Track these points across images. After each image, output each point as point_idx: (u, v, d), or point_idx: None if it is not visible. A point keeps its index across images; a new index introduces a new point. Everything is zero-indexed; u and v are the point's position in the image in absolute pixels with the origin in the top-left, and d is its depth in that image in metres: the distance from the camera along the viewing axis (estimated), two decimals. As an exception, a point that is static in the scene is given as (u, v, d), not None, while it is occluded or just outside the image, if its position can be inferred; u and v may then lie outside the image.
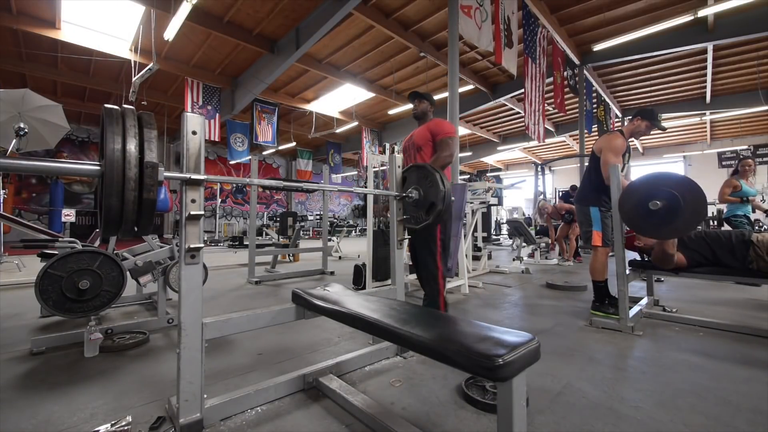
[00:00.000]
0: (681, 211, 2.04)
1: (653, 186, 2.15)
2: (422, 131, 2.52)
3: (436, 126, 2.49)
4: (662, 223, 2.11)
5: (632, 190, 2.26)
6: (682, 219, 2.04)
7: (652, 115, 2.64)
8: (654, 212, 2.12)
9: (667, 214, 2.09)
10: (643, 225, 2.20)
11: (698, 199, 2.02)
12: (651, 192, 2.15)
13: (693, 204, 2.02)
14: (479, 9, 5.14)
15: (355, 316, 1.20)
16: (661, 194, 2.10)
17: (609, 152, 2.57)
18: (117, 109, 0.99)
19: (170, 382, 1.58)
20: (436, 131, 2.47)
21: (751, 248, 2.20)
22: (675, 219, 2.07)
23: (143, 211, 0.99)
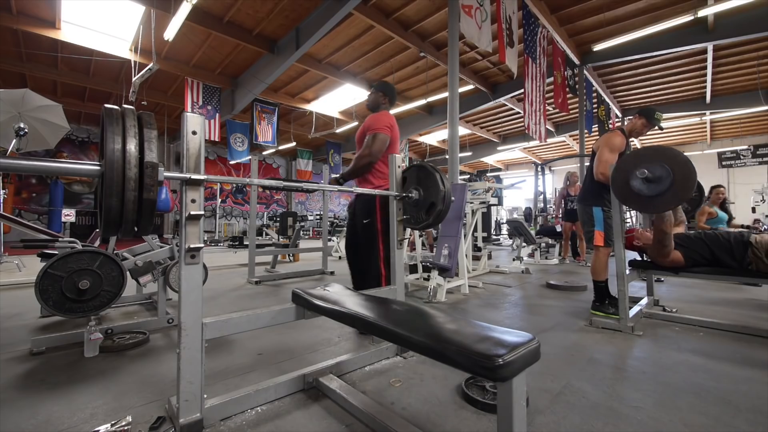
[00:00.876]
0: (670, 181, 2.04)
1: (642, 159, 2.16)
2: (363, 124, 2.35)
3: (371, 120, 2.29)
4: (653, 196, 2.11)
5: (622, 164, 2.27)
6: (672, 190, 2.04)
7: (648, 113, 2.65)
8: (644, 185, 2.12)
9: (657, 185, 2.09)
10: (634, 199, 2.20)
11: (687, 168, 2.02)
12: (640, 164, 2.16)
13: (682, 175, 2.02)
14: (480, 9, 5.14)
15: (355, 316, 1.20)
16: (650, 166, 2.11)
17: (605, 148, 2.58)
18: (117, 109, 0.99)
19: (170, 382, 1.58)
20: (368, 125, 2.27)
21: (749, 249, 2.20)
22: (665, 191, 2.07)
23: (143, 211, 0.99)
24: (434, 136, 14.81)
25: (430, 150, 16.54)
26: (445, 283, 3.27)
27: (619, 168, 2.26)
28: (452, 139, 4.95)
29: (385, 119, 2.24)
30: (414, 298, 3.32)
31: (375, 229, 2.20)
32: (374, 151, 2.16)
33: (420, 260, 4.15)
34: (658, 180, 2.08)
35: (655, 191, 2.10)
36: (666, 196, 2.07)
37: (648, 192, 2.12)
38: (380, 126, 2.21)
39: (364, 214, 2.22)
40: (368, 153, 2.16)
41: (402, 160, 2.00)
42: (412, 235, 4.72)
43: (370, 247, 2.21)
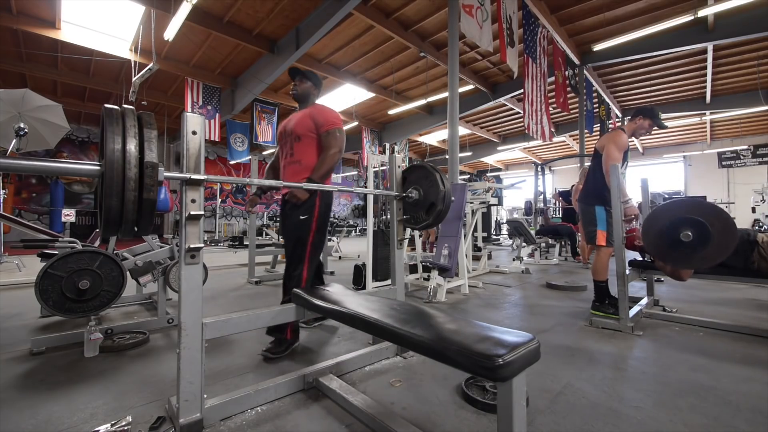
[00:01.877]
0: (711, 238, 1.97)
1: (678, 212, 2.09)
2: (303, 118, 2.11)
3: (320, 114, 2.09)
4: (691, 252, 2.03)
5: (655, 217, 2.19)
6: (712, 247, 1.97)
7: (653, 113, 2.63)
8: (681, 241, 2.05)
9: (696, 243, 2.00)
10: (670, 255, 2.13)
11: (726, 226, 1.94)
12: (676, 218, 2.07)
13: (722, 232, 1.95)
14: (480, 8, 5.14)
15: (355, 316, 1.20)
16: (687, 222, 2.02)
17: (613, 145, 2.56)
18: (117, 109, 0.99)
19: (170, 382, 1.58)
20: (321, 120, 2.07)
21: (755, 249, 2.18)
22: (704, 248, 1.98)
23: (143, 211, 0.99)
24: (434, 136, 14.81)
25: (430, 150, 16.53)
26: (445, 283, 3.27)
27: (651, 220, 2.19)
28: (452, 139, 4.95)
29: (335, 113, 2.14)
30: (414, 298, 3.32)
31: (309, 227, 2.02)
32: (342, 148, 2.07)
33: (420, 260, 4.15)
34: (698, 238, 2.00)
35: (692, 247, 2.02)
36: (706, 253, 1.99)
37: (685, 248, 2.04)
38: (338, 121, 2.09)
39: (302, 209, 2.02)
40: (339, 149, 2.04)
41: (402, 160, 2.00)
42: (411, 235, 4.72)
43: (297, 245, 2.01)
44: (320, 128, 2.07)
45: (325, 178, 2.02)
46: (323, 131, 2.07)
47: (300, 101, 2.25)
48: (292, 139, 2.11)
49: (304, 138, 2.09)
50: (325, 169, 2.00)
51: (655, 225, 2.19)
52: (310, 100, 2.25)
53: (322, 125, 2.08)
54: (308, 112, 2.13)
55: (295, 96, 2.24)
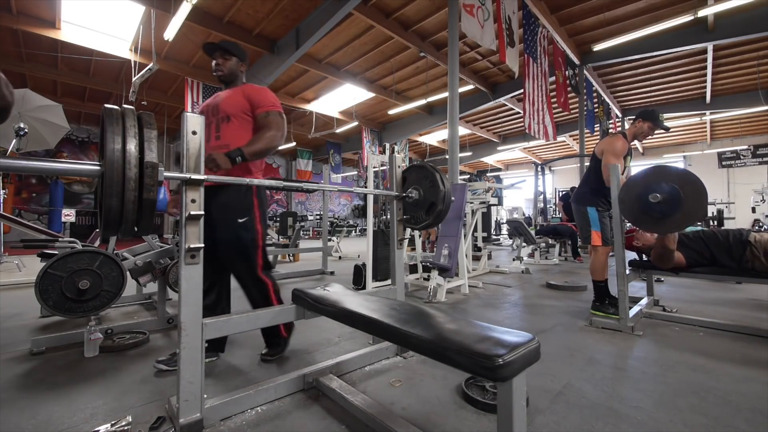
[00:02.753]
0: (681, 204, 2.02)
1: (653, 179, 2.14)
2: (234, 96, 1.83)
3: (257, 93, 1.83)
4: (663, 217, 2.09)
5: (632, 183, 2.24)
6: (683, 212, 2.02)
7: (653, 116, 2.64)
8: (654, 206, 2.09)
9: (668, 207, 2.06)
10: (644, 219, 2.18)
11: (698, 191, 1.99)
12: (651, 185, 2.13)
13: (693, 197, 2.00)
14: (481, 8, 5.14)
15: (355, 316, 1.20)
16: (660, 187, 2.08)
17: (610, 155, 2.57)
18: (117, 109, 0.99)
19: (170, 382, 1.58)
20: (258, 100, 1.81)
21: (748, 248, 2.20)
22: (675, 212, 2.04)
23: (143, 211, 0.99)
24: (434, 136, 14.81)
25: (430, 150, 16.54)
26: (445, 283, 3.27)
27: (627, 188, 2.23)
28: (452, 139, 4.95)
29: (274, 95, 1.88)
30: (414, 298, 3.32)
31: (254, 230, 1.77)
32: (284, 133, 1.80)
33: (420, 260, 4.15)
34: (668, 201, 2.05)
35: (665, 212, 2.06)
36: (676, 218, 2.04)
37: (658, 213, 2.08)
38: (278, 104, 1.84)
39: (237, 211, 1.75)
40: (281, 135, 1.76)
41: (402, 160, 2.00)
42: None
43: (246, 254, 1.78)
44: (257, 108, 1.80)
45: (257, 157, 1.70)
46: (261, 111, 1.79)
47: (227, 82, 1.94)
48: (219, 119, 1.80)
49: (236, 119, 1.79)
50: (261, 146, 1.68)
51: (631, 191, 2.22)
52: (239, 78, 1.96)
53: (259, 104, 1.80)
54: (241, 91, 1.85)
55: (220, 77, 1.92)
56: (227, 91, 1.89)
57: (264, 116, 1.79)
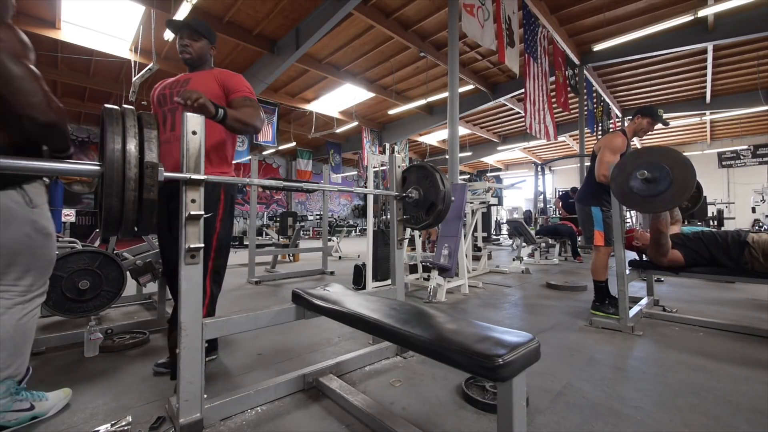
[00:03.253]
0: (669, 181, 2.03)
1: (642, 159, 2.15)
2: (206, 82, 1.64)
3: (231, 78, 1.67)
4: (652, 195, 2.10)
5: (623, 164, 2.25)
6: (671, 190, 2.03)
7: (652, 112, 2.64)
8: (644, 185, 2.11)
9: (657, 185, 2.08)
10: (633, 198, 2.19)
11: (686, 170, 2.01)
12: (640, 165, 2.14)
13: (681, 175, 2.01)
14: (481, 8, 5.14)
15: (355, 316, 1.20)
16: (649, 166, 2.10)
17: (606, 150, 2.57)
18: (117, 109, 0.99)
19: (170, 382, 1.58)
20: (233, 84, 1.65)
21: (746, 249, 2.20)
22: (664, 190, 2.06)
23: (143, 211, 0.99)
24: (434, 136, 14.81)
25: (430, 150, 16.54)
26: (445, 283, 3.27)
27: (619, 168, 2.25)
28: (452, 139, 4.95)
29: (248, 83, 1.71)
30: (414, 298, 3.32)
31: (212, 227, 1.59)
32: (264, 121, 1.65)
33: (420, 260, 4.15)
34: (657, 180, 2.07)
35: (654, 191, 2.09)
36: (665, 196, 2.06)
37: (647, 192, 2.11)
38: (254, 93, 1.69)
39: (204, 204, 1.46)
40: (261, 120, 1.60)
41: (402, 160, 2.00)
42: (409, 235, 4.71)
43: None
44: (233, 93, 1.64)
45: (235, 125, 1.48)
46: (239, 96, 1.62)
47: (194, 66, 1.73)
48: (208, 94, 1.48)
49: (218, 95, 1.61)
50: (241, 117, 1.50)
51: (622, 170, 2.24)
52: (208, 63, 1.77)
53: (235, 89, 1.64)
54: (213, 75, 1.67)
55: (188, 60, 1.71)
56: (195, 75, 1.68)
57: (243, 100, 1.61)
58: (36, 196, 1.26)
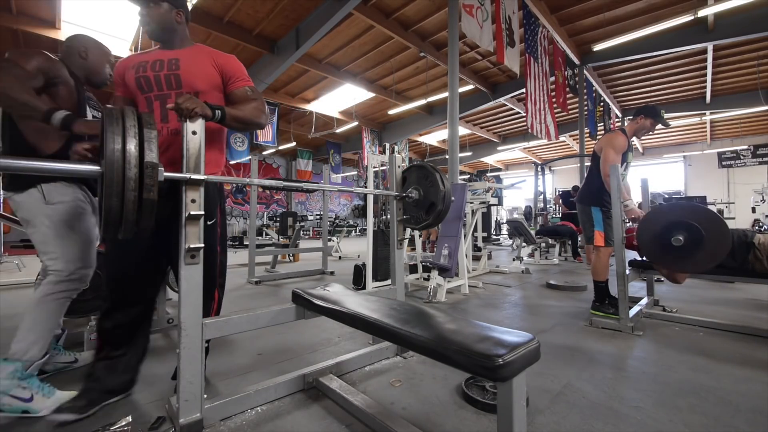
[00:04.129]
0: (703, 243, 1.98)
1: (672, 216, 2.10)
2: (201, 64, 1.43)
3: (230, 62, 1.48)
4: (684, 257, 2.05)
5: (650, 221, 2.21)
6: (704, 252, 1.99)
7: (654, 112, 2.63)
8: (676, 246, 2.06)
9: (689, 247, 2.02)
10: (664, 258, 2.16)
11: (720, 231, 1.96)
12: (670, 225, 2.08)
13: (715, 236, 1.96)
14: (480, 8, 5.14)
15: (355, 316, 1.20)
16: (681, 227, 2.04)
17: (609, 149, 2.56)
18: (117, 109, 0.99)
19: (170, 382, 1.58)
20: (235, 71, 1.47)
21: (752, 250, 2.18)
22: (697, 252, 2.00)
23: (143, 211, 0.99)
24: (434, 136, 14.81)
25: (430, 150, 16.53)
26: (445, 283, 3.27)
27: (646, 224, 2.21)
28: (452, 139, 4.95)
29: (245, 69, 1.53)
30: (414, 298, 3.32)
31: (215, 234, 1.51)
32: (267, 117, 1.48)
33: (420, 260, 4.15)
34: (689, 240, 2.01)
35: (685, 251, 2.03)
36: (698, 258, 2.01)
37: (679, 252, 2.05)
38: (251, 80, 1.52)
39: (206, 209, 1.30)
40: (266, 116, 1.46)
41: (402, 160, 2.00)
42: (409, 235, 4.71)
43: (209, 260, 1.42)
44: (236, 81, 1.45)
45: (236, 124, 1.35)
46: (242, 85, 1.46)
47: (164, 40, 1.45)
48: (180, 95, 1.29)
49: (208, 95, 1.41)
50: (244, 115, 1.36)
51: (649, 228, 2.20)
52: (179, 33, 1.46)
53: (238, 76, 1.46)
54: (208, 57, 1.45)
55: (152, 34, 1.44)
56: (183, 55, 1.42)
57: (247, 91, 1.46)
58: (53, 194, 1.42)
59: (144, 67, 1.42)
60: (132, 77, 1.43)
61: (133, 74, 1.42)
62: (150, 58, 1.44)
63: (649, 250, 2.21)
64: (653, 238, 2.17)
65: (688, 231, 2.03)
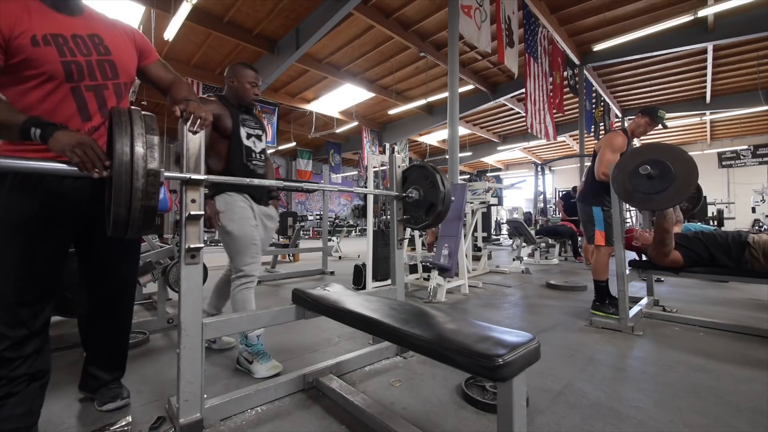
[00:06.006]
0: (672, 177, 2.03)
1: (644, 156, 2.15)
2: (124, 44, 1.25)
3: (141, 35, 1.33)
4: (655, 192, 2.10)
5: (625, 161, 2.25)
6: (674, 187, 2.03)
7: (651, 112, 2.64)
8: (646, 182, 2.11)
9: (659, 182, 2.08)
10: (636, 196, 2.19)
11: (688, 166, 2.01)
12: (642, 161, 2.14)
13: (683, 171, 2.01)
14: (479, 9, 5.15)
15: (355, 316, 1.20)
16: (652, 163, 2.09)
17: (607, 149, 2.57)
18: (125, 111, 0.97)
19: (170, 382, 1.57)
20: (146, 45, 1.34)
21: (747, 249, 2.19)
22: (667, 186, 2.05)
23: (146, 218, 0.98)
24: (434, 136, 14.81)
25: (430, 150, 16.54)
26: (445, 283, 3.27)
27: (620, 166, 2.25)
28: (452, 139, 4.95)
29: None
30: (414, 298, 3.32)
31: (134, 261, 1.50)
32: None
33: (420, 260, 4.15)
34: (659, 176, 2.07)
35: (656, 188, 2.08)
36: (668, 193, 2.06)
37: (650, 189, 2.11)
38: None
39: None
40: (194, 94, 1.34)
41: (402, 160, 2.00)
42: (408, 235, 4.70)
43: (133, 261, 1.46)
44: (151, 57, 1.34)
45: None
46: (155, 60, 1.35)
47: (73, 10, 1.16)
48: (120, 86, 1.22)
49: (131, 82, 1.29)
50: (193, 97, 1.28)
51: (623, 168, 2.24)
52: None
53: (149, 51, 1.34)
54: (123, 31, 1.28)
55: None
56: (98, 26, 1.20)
57: (163, 66, 1.36)
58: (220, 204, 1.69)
59: (67, 47, 1.10)
60: (54, 58, 1.07)
61: (57, 55, 1.08)
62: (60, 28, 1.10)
63: (624, 189, 2.24)
64: (627, 176, 2.21)
65: (657, 166, 2.08)
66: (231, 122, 1.76)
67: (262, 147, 1.88)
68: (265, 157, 1.91)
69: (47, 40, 1.07)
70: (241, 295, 1.70)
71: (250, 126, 1.85)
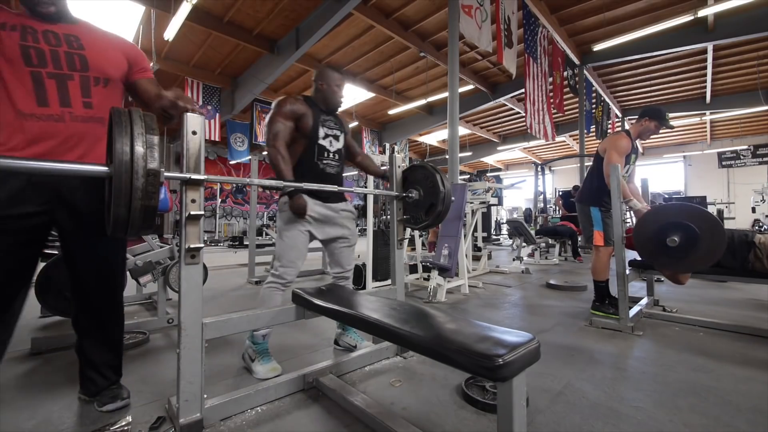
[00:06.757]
0: (698, 244, 1.98)
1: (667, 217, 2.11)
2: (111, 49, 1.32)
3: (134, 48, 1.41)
4: (680, 257, 2.06)
5: (645, 222, 2.22)
6: (700, 253, 1.99)
7: (659, 115, 2.62)
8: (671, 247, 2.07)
9: (685, 248, 2.03)
10: (660, 259, 2.17)
11: (716, 231, 1.96)
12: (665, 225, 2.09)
13: (710, 237, 1.96)
14: (479, 9, 5.15)
15: (355, 316, 1.20)
16: (677, 227, 2.04)
17: (613, 151, 2.56)
18: (125, 112, 0.97)
19: (170, 382, 1.58)
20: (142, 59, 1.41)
21: (752, 250, 2.18)
22: (694, 252, 2.01)
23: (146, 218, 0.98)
24: (434, 136, 14.81)
25: (430, 150, 16.54)
26: (445, 283, 3.27)
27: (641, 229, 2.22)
28: (452, 139, 4.95)
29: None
30: (414, 298, 3.32)
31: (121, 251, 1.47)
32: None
33: (420, 260, 4.15)
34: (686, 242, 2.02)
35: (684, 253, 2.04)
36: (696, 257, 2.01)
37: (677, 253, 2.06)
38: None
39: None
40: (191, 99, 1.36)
41: (402, 160, 2.00)
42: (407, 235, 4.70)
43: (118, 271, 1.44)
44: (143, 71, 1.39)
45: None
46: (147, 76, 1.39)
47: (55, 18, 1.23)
48: (88, 78, 1.24)
49: (115, 84, 1.32)
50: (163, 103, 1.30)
51: (645, 229, 2.21)
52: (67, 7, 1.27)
53: (144, 66, 1.39)
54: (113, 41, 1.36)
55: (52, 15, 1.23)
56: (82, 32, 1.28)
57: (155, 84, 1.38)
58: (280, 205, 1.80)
59: (33, 35, 1.17)
60: (14, 42, 1.13)
61: (18, 39, 1.14)
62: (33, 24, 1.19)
63: (646, 251, 2.21)
64: (649, 239, 2.17)
65: (683, 231, 2.04)
66: (312, 122, 1.82)
67: (338, 147, 1.92)
68: (340, 156, 1.95)
69: (14, 27, 1.15)
70: (266, 292, 1.75)
71: (329, 126, 1.91)
